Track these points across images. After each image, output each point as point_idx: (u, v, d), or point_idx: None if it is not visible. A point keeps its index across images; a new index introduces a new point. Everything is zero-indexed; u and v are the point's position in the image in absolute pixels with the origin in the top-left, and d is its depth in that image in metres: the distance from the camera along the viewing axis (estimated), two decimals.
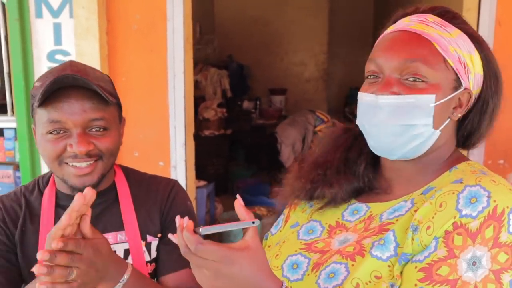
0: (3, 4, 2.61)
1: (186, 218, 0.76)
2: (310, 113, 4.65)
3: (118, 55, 2.63)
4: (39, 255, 0.86)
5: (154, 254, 1.22)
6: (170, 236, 0.80)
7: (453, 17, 0.90)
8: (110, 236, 1.19)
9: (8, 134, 2.72)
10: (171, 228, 1.22)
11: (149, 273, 1.20)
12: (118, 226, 1.20)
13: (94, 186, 1.12)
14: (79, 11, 2.48)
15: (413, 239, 0.81)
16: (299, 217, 1.05)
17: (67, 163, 1.11)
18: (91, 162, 1.11)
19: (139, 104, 2.63)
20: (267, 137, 4.78)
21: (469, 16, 2.48)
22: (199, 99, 4.96)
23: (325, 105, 6.47)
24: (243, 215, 0.78)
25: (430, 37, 0.86)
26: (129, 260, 1.19)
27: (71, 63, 1.15)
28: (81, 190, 1.09)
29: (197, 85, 5.08)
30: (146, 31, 2.61)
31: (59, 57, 2.57)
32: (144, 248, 1.21)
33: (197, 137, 2.94)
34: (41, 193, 1.23)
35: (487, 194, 0.78)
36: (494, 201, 0.78)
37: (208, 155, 4.77)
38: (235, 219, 0.78)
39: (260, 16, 6.54)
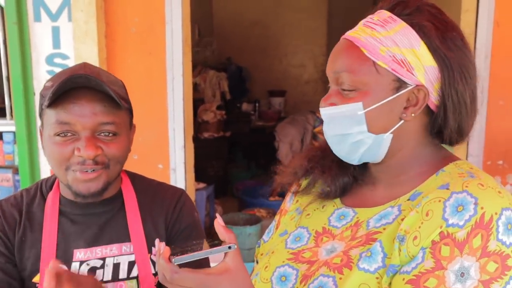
0: (1, 8, 2.61)
1: (163, 243, 0.75)
2: (311, 113, 4.67)
3: (117, 58, 2.63)
4: None
5: None
6: (152, 256, 0.79)
7: (404, 8, 0.85)
8: (114, 248, 1.15)
9: (7, 137, 2.71)
10: (177, 241, 1.19)
11: (155, 285, 1.17)
12: (124, 237, 1.16)
13: (100, 193, 1.10)
14: (78, 15, 2.48)
15: (400, 250, 0.78)
16: (288, 224, 1.04)
17: (74, 170, 1.07)
18: (98, 169, 1.08)
19: (138, 106, 2.61)
20: (266, 138, 4.78)
21: (467, 17, 2.49)
22: (198, 102, 4.96)
23: None
24: (223, 235, 0.76)
25: (360, 42, 0.85)
26: (134, 272, 1.15)
27: (85, 65, 1.11)
28: (86, 197, 1.09)
29: (196, 87, 5.08)
30: (144, 34, 2.61)
31: (58, 60, 2.57)
32: (149, 261, 1.16)
33: (196, 139, 2.94)
34: (43, 198, 1.18)
35: (474, 201, 0.76)
36: (482, 208, 0.75)
37: (208, 157, 4.77)
38: (235, 221, 0.78)
39: (259, 19, 6.55)
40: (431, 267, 0.75)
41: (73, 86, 1.04)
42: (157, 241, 0.78)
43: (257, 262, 1.06)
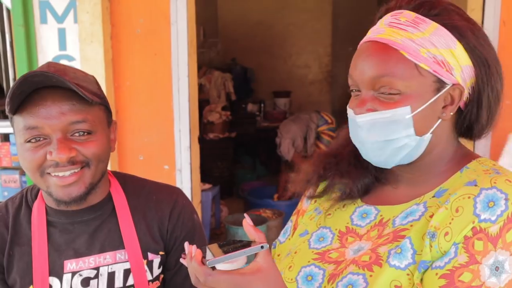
0: (8, 10, 2.63)
1: (195, 246, 0.75)
2: (315, 112, 4.67)
3: (123, 60, 2.63)
4: None
5: (156, 272, 1.13)
6: (181, 260, 0.79)
7: (430, 8, 0.84)
8: (108, 256, 1.09)
9: (14, 139, 2.72)
10: (179, 248, 1.15)
11: None
12: (117, 244, 1.10)
13: (83, 197, 1.03)
14: (84, 16, 2.49)
15: (431, 246, 0.79)
16: (308, 224, 1.03)
17: (49, 173, 0.99)
18: (76, 170, 1.00)
19: (144, 108, 2.64)
20: (272, 139, 4.79)
21: (473, 16, 2.47)
22: (203, 103, 4.97)
23: (329, 107, 6.46)
24: (253, 235, 0.77)
25: (398, 45, 0.82)
26: (130, 280, 1.10)
27: (49, 64, 1.03)
28: (68, 203, 1.02)
29: (201, 88, 5.10)
30: (150, 35, 2.62)
31: (64, 62, 2.58)
32: (146, 267, 1.11)
33: (201, 140, 2.94)
34: (29, 208, 1.11)
35: (504, 197, 0.77)
36: None
37: (213, 158, 4.78)
38: (240, 222, 0.78)
39: (264, 19, 6.55)
40: (465, 262, 0.75)
41: (34, 88, 0.97)
42: (186, 244, 0.74)
43: None
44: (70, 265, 1.08)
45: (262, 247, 0.74)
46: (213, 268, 0.73)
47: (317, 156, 1.04)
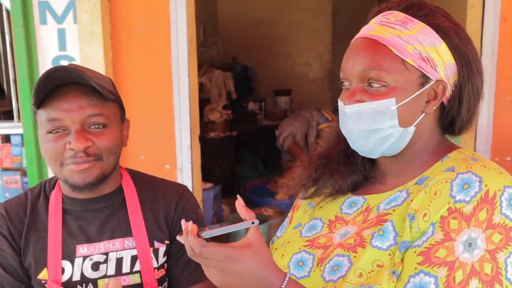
0: (8, 11, 2.63)
1: (191, 222, 0.79)
2: (316, 110, 4.66)
3: (123, 59, 2.63)
4: None
5: (161, 260, 1.21)
6: (178, 238, 0.83)
7: (418, 9, 0.91)
8: (117, 243, 1.18)
9: (15, 140, 2.73)
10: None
11: (157, 279, 1.19)
12: (126, 232, 1.19)
13: (95, 184, 1.12)
14: (83, 17, 2.49)
15: (411, 227, 0.84)
16: (301, 218, 1.09)
17: (68, 164, 1.09)
18: (90, 160, 1.10)
19: (144, 107, 2.64)
20: (273, 137, 4.78)
21: (473, 12, 2.47)
22: (204, 102, 4.96)
23: (330, 105, 6.45)
24: (244, 214, 0.81)
25: (387, 41, 0.89)
26: (137, 266, 1.18)
27: (70, 65, 1.13)
28: (81, 188, 1.11)
29: (201, 87, 5.09)
30: (150, 35, 2.62)
31: (64, 62, 2.58)
32: (152, 255, 1.19)
33: (202, 139, 2.94)
34: (47, 197, 1.21)
35: (478, 180, 0.82)
36: (486, 185, 0.82)
37: (214, 157, 4.78)
38: (242, 220, 0.80)
39: (264, 18, 6.54)
40: (440, 239, 0.81)
41: (57, 83, 1.07)
42: (183, 221, 0.80)
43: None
44: (82, 249, 1.16)
45: (252, 222, 0.79)
46: (207, 241, 0.77)
47: (310, 159, 1.09)
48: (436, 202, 0.83)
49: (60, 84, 1.08)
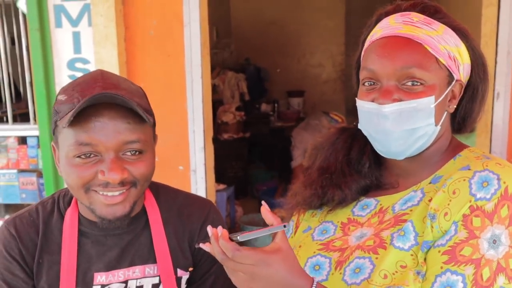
0: (24, 15, 2.66)
1: (220, 227, 0.78)
2: (324, 115, 4.65)
3: (137, 61, 2.65)
4: None
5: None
6: (201, 245, 0.81)
7: (435, 12, 0.92)
8: (137, 270, 1.07)
9: (31, 142, 2.77)
10: (206, 262, 1.12)
11: None
12: (147, 258, 1.08)
13: (127, 216, 1.01)
14: (98, 19, 2.52)
15: (432, 227, 0.85)
16: (310, 221, 1.07)
17: (95, 191, 0.97)
18: (124, 190, 0.97)
19: (158, 109, 2.63)
20: (285, 139, 4.78)
21: (489, 12, 2.44)
22: (217, 103, 4.97)
23: (343, 106, 6.43)
24: (270, 220, 0.80)
25: (421, 39, 0.89)
26: None
27: (102, 76, 0.99)
28: (110, 221, 0.99)
29: (215, 89, 5.10)
30: (163, 37, 2.64)
31: (79, 65, 2.61)
32: (175, 281, 1.09)
33: (216, 140, 2.95)
34: (61, 215, 1.08)
35: (496, 177, 0.84)
36: (504, 182, 0.83)
37: (227, 158, 4.79)
38: (255, 222, 0.81)
39: (277, 19, 6.53)
40: (465, 237, 0.81)
41: (95, 102, 0.93)
42: (209, 227, 0.78)
43: None
44: (100, 277, 1.06)
45: (284, 226, 0.78)
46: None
47: (309, 176, 1.06)
48: (456, 200, 0.84)
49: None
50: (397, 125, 0.90)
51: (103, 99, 0.92)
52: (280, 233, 0.79)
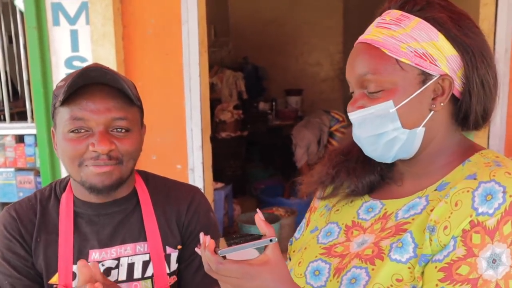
0: (21, 13, 2.66)
1: (208, 237, 0.78)
2: (325, 113, 4.65)
3: (134, 60, 2.65)
4: None
5: (173, 266, 1.18)
6: (197, 249, 0.82)
7: (414, 5, 0.88)
8: (128, 248, 1.15)
9: (28, 140, 2.76)
10: (193, 242, 1.19)
11: (170, 285, 1.17)
12: (137, 236, 1.16)
13: (113, 187, 1.10)
14: (95, 18, 2.51)
15: (431, 240, 0.80)
16: (318, 221, 1.06)
17: (87, 166, 1.07)
18: (111, 164, 1.08)
19: (156, 107, 2.65)
20: (284, 137, 4.78)
21: (486, 10, 2.45)
22: (215, 102, 4.98)
23: (341, 105, 6.42)
24: (263, 229, 0.80)
25: (379, 43, 0.86)
26: (148, 272, 1.15)
27: (97, 64, 1.12)
28: (100, 190, 1.09)
29: (213, 87, 5.11)
30: (161, 35, 2.63)
31: (77, 63, 2.60)
32: (164, 260, 1.16)
33: (214, 139, 2.95)
34: (57, 199, 1.18)
35: (502, 190, 0.77)
36: (510, 196, 0.77)
37: (225, 157, 4.79)
38: (253, 221, 0.80)
39: (275, 18, 6.53)
40: (462, 255, 0.76)
41: (87, 82, 1.05)
42: (201, 234, 0.80)
43: (290, 259, 1.08)
44: (94, 254, 1.14)
45: (271, 240, 0.77)
46: (224, 257, 0.76)
47: (328, 156, 1.07)
48: (457, 214, 0.79)
49: (89, 82, 1.06)
50: (363, 131, 0.90)
51: (93, 74, 1.04)
52: (271, 245, 0.78)
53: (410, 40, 0.85)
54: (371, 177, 0.99)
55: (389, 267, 0.82)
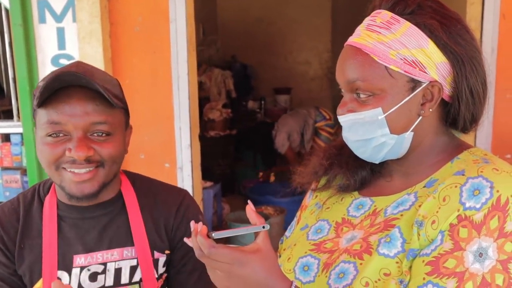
0: (7, 10, 2.62)
1: (200, 223, 0.78)
2: (314, 108, 4.68)
3: (122, 58, 2.63)
4: None
5: (160, 270, 1.16)
6: (185, 240, 0.81)
7: (405, 7, 0.86)
8: (115, 252, 1.12)
9: (14, 139, 2.73)
10: (183, 246, 1.15)
11: None
12: (124, 241, 1.13)
13: (95, 195, 1.06)
14: (82, 15, 2.49)
15: (419, 235, 0.81)
16: (308, 218, 1.06)
17: (64, 168, 1.03)
18: (91, 168, 1.03)
19: (144, 106, 2.64)
20: (271, 135, 4.79)
21: (473, 10, 2.47)
22: (203, 100, 4.96)
23: (330, 103, 6.45)
24: (254, 219, 0.80)
25: (369, 49, 0.86)
26: (136, 277, 1.12)
27: (78, 64, 1.07)
28: (79, 199, 1.05)
29: (201, 86, 5.09)
30: (149, 33, 2.62)
31: (63, 61, 2.58)
32: (152, 265, 1.13)
33: (202, 138, 2.94)
34: (41, 202, 1.14)
35: (489, 185, 0.78)
36: (497, 191, 0.78)
37: (214, 155, 4.78)
38: (242, 219, 0.81)
39: (263, 16, 6.54)
40: (450, 249, 0.78)
41: (63, 85, 1.00)
42: (192, 222, 0.79)
43: (280, 257, 1.08)
44: (79, 259, 1.10)
45: (263, 227, 0.78)
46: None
47: (325, 148, 1.07)
48: (445, 208, 0.80)
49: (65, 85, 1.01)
50: (351, 135, 0.91)
51: (67, 78, 0.99)
52: (262, 234, 0.78)
53: (399, 47, 0.84)
54: (363, 172, 0.99)
55: (377, 261, 0.83)
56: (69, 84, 1.01)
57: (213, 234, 0.76)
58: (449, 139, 0.94)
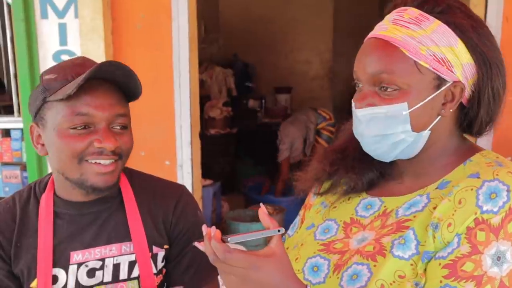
0: (9, 5, 2.62)
1: (214, 227, 0.77)
2: (312, 111, 4.66)
3: (123, 54, 2.63)
4: None
5: (159, 265, 1.15)
6: (196, 244, 0.81)
7: (434, 6, 0.86)
8: (114, 248, 1.11)
9: (15, 134, 2.73)
10: (181, 241, 1.17)
11: (157, 285, 1.15)
12: (123, 236, 1.12)
13: (114, 186, 1.07)
14: (84, 11, 2.48)
15: (434, 237, 0.81)
16: (314, 218, 1.05)
17: (87, 161, 1.02)
18: (113, 160, 1.04)
19: (145, 103, 2.62)
20: (272, 135, 4.79)
21: (476, 12, 2.45)
22: (204, 98, 4.96)
23: (330, 103, 6.45)
24: (267, 223, 0.79)
25: (398, 42, 0.84)
26: (135, 272, 1.12)
27: (84, 58, 1.08)
28: (102, 191, 1.05)
29: (202, 84, 5.08)
30: (151, 30, 2.61)
31: (65, 57, 2.57)
32: (150, 260, 1.13)
33: (203, 136, 2.94)
34: (37, 200, 1.13)
35: (506, 188, 0.78)
36: None
37: (214, 154, 4.77)
38: (241, 218, 0.79)
39: (265, 15, 6.52)
40: (467, 252, 0.77)
41: (102, 76, 1.01)
42: (204, 226, 0.78)
43: None
44: (76, 256, 1.10)
45: (279, 230, 0.77)
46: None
47: (324, 153, 1.06)
48: (461, 211, 0.79)
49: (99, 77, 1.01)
50: (369, 129, 0.89)
51: (109, 69, 0.99)
52: (275, 238, 0.77)
53: (430, 43, 0.84)
54: (370, 174, 0.98)
55: (392, 263, 0.82)
56: (104, 76, 1.01)
57: (229, 239, 0.75)
58: (461, 141, 0.94)
